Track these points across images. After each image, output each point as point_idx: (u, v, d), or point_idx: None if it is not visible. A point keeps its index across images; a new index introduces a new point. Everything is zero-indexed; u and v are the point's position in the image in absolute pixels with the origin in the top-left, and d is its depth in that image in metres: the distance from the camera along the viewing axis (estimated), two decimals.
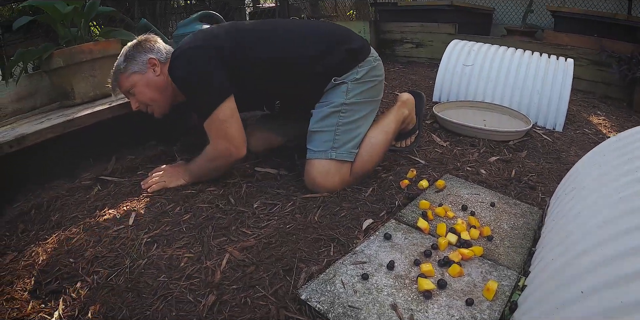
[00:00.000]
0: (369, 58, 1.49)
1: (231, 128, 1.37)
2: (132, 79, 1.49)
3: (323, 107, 1.46)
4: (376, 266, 1.10)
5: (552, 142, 1.97)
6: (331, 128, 1.44)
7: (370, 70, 1.48)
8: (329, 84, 1.45)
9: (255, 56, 1.42)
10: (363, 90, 1.47)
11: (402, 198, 1.44)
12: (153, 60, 1.49)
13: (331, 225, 1.28)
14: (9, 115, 1.93)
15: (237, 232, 1.26)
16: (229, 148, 1.39)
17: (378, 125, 1.55)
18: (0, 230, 1.42)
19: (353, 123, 1.46)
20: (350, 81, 1.44)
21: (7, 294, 1.14)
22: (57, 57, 1.73)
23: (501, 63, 2.33)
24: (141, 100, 1.50)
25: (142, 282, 1.11)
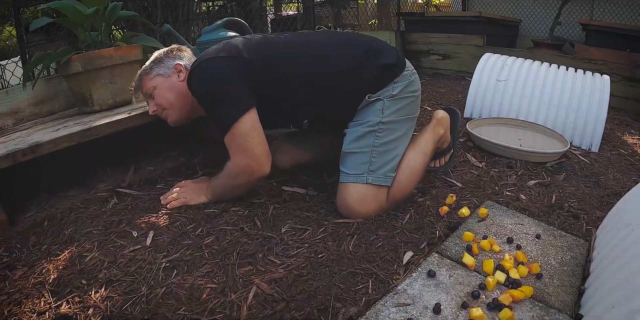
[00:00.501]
0: (405, 72, 1.38)
1: (252, 143, 1.27)
2: (155, 80, 1.41)
3: (357, 126, 1.36)
4: (421, 309, 0.99)
5: (590, 164, 1.87)
6: (367, 149, 1.34)
7: (407, 86, 1.38)
8: (362, 102, 1.35)
9: (283, 72, 1.32)
10: (400, 108, 1.37)
11: (443, 228, 1.32)
12: (179, 66, 1.42)
13: (367, 257, 1.17)
14: (26, 119, 1.85)
15: (265, 260, 1.16)
16: (250, 164, 1.29)
17: (415, 146, 1.44)
18: (11, 242, 1.34)
19: (390, 143, 1.36)
20: (386, 98, 1.34)
21: (14, 315, 1.05)
22: (75, 62, 1.65)
23: (536, 79, 2.23)
24: (159, 103, 1.41)
25: (159, 315, 1.01)
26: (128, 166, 1.65)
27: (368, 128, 1.34)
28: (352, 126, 1.38)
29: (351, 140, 1.36)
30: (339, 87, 1.34)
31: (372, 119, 1.34)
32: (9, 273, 1.21)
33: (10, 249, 1.31)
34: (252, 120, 1.28)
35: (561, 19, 3.87)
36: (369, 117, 1.34)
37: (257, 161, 1.29)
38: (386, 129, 1.34)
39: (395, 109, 1.35)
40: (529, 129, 2.11)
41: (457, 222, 1.35)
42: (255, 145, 1.28)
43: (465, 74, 3.46)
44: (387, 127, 1.34)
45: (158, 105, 1.42)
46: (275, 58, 1.34)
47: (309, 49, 1.38)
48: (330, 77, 1.33)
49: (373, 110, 1.34)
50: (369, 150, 1.33)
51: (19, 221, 1.43)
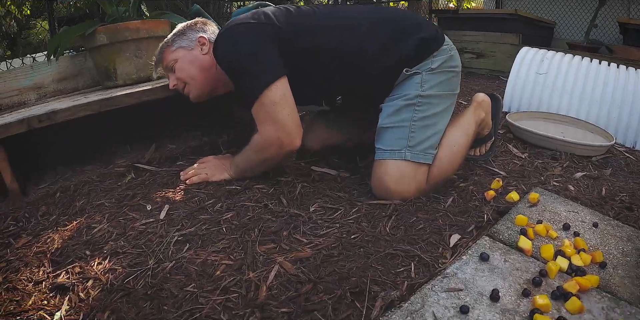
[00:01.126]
0: (444, 47, 1.26)
1: (282, 112, 1.15)
2: (177, 53, 1.31)
3: (395, 100, 1.23)
4: (475, 296, 0.83)
5: (636, 161, 1.72)
6: (405, 123, 1.20)
7: (446, 60, 1.25)
8: (400, 76, 1.23)
9: (316, 45, 1.21)
10: (440, 82, 1.24)
11: (492, 212, 1.16)
12: (203, 39, 1.31)
13: (408, 239, 1.01)
14: (49, 95, 1.79)
15: (290, 239, 1.01)
16: (279, 136, 1.16)
17: (456, 125, 1.31)
18: (20, 212, 1.25)
19: (430, 118, 1.22)
20: (425, 71, 1.22)
21: (9, 282, 0.96)
22: (101, 34, 1.58)
23: (577, 73, 2.10)
24: (180, 77, 1.31)
25: (165, 290, 0.87)
26: (149, 144, 1.55)
27: (406, 101, 1.21)
28: (389, 100, 1.25)
29: (388, 115, 1.22)
30: (374, 61, 1.22)
31: (410, 92, 1.22)
32: (12, 241, 1.12)
33: (17, 219, 1.22)
34: (283, 89, 1.16)
35: (597, 21, 3.71)
36: (407, 91, 1.22)
37: (288, 133, 1.16)
38: (425, 103, 1.22)
39: (435, 83, 1.23)
40: (571, 124, 1.98)
41: (506, 206, 1.19)
42: (285, 115, 1.15)
43: (500, 73, 3.29)
44: (426, 101, 1.22)
45: (179, 79, 1.32)
46: (307, 29, 1.23)
47: (343, 22, 1.26)
48: (364, 52, 1.21)
49: (411, 83, 1.22)
50: (408, 124, 1.20)
51: (31, 192, 1.34)
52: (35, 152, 1.50)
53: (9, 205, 1.30)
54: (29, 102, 1.74)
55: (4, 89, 1.72)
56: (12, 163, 1.31)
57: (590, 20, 3.70)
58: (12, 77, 1.73)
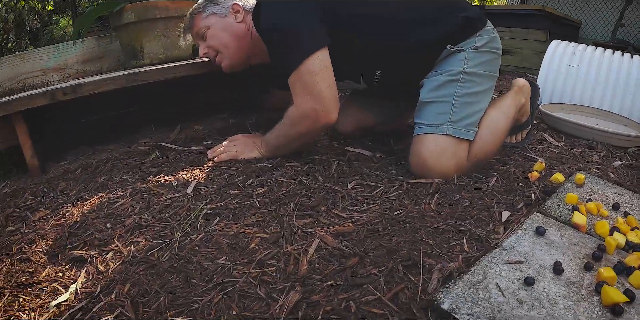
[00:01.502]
0: (488, 28, 1.21)
1: (321, 83, 1.08)
2: (209, 20, 1.24)
3: (438, 75, 1.16)
4: (537, 268, 0.76)
5: None
6: (448, 98, 1.13)
7: (490, 41, 1.20)
8: (443, 53, 1.17)
9: (361, 12, 1.15)
10: (483, 61, 1.18)
11: (538, 191, 1.07)
12: (237, 6, 1.25)
13: (455, 215, 0.92)
14: (73, 76, 1.75)
15: (329, 214, 0.92)
16: (316, 109, 1.08)
17: (497, 107, 1.24)
18: (38, 187, 1.19)
19: (473, 95, 1.15)
20: (469, 49, 1.16)
21: (22, 253, 0.89)
22: (129, 11, 1.53)
23: (609, 66, 2.03)
24: (212, 44, 1.24)
25: (193, 263, 0.79)
26: (174, 125, 1.49)
27: (450, 77, 1.14)
28: (432, 75, 1.18)
29: (430, 89, 1.15)
30: (418, 33, 1.15)
31: (454, 68, 1.15)
32: (29, 214, 1.06)
33: (36, 193, 1.16)
34: (324, 59, 1.08)
35: (624, 20, 3.61)
36: (451, 66, 1.16)
37: (324, 105, 1.08)
38: (469, 80, 1.15)
39: (479, 62, 1.16)
40: (603, 117, 1.91)
41: (552, 187, 1.10)
42: (324, 87, 1.08)
43: (527, 70, 3.19)
44: (470, 78, 1.15)
45: (210, 47, 1.25)
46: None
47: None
48: (408, 23, 1.15)
49: (455, 60, 1.16)
50: (451, 99, 1.12)
51: (51, 169, 1.28)
52: (57, 130, 1.45)
53: (28, 182, 1.24)
54: (52, 83, 1.70)
55: (27, 70, 1.69)
56: (33, 139, 1.26)
57: (616, 20, 3.60)
58: (36, 57, 1.70)
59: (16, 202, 1.13)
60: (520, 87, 1.36)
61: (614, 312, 0.66)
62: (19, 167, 1.38)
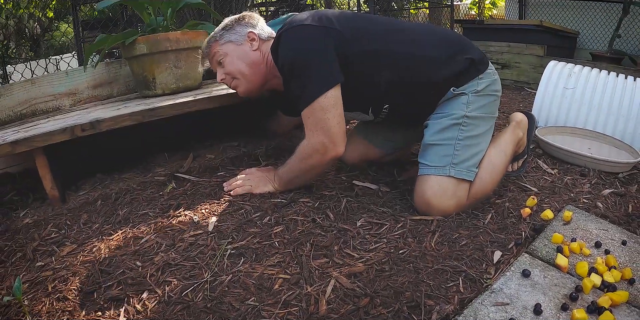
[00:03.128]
0: (489, 71, 1.31)
1: (332, 120, 1.17)
2: (226, 47, 1.31)
3: (441, 118, 1.26)
4: (520, 309, 0.88)
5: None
6: (451, 142, 1.23)
7: (491, 84, 1.30)
8: (447, 94, 1.27)
9: (374, 48, 1.23)
10: (484, 104, 1.28)
11: (528, 229, 1.19)
12: (252, 35, 1.32)
13: (453, 255, 1.03)
14: (84, 101, 1.81)
15: (341, 253, 1.03)
16: (324, 143, 1.18)
17: (496, 145, 1.34)
18: (60, 218, 1.27)
19: (474, 138, 1.26)
20: (471, 93, 1.26)
21: (59, 292, 0.97)
22: (141, 44, 1.60)
23: (604, 88, 2.13)
24: (229, 71, 1.32)
25: (225, 304, 0.89)
26: (187, 153, 1.57)
27: (453, 120, 1.24)
28: (435, 118, 1.28)
29: (434, 132, 1.25)
30: (426, 73, 1.25)
31: (457, 112, 1.25)
32: (56, 249, 1.13)
33: (59, 226, 1.24)
34: (336, 97, 1.18)
35: (620, 31, 3.69)
36: (454, 110, 1.26)
37: (333, 140, 1.18)
38: (471, 124, 1.25)
39: (479, 105, 1.27)
40: (597, 140, 2.00)
41: (542, 224, 1.22)
42: (334, 123, 1.17)
43: (525, 84, 3.31)
44: (471, 122, 1.26)
45: (228, 73, 1.33)
46: (369, 33, 1.25)
47: (403, 31, 1.29)
48: (418, 61, 1.24)
49: (457, 103, 1.26)
50: (453, 142, 1.23)
51: (71, 199, 1.36)
52: (74, 158, 1.52)
53: (48, 212, 1.31)
54: (63, 108, 1.76)
55: (39, 94, 1.74)
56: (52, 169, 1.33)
57: (613, 30, 3.67)
58: (47, 82, 1.76)
59: (40, 235, 1.20)
60: (518, 122, 1.46)
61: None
62: (35, 193, 1.45)
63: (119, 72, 1.86)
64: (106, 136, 1.46)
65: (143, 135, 1.61)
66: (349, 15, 1.29)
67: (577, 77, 2.19)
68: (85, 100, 1.80)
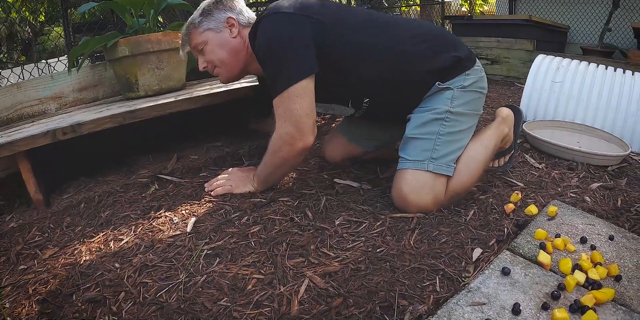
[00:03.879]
0: (476, 67, 1.30)
1: (301, 110, 1.16)
2: (205, 35, 1.29)
3: (424, 112, 1.25)
4: (498, 309, 0.86)
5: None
6: (432, 136, 1.22)
7: (477, 81, 1.29)
8: (432, 88, 1.26)
9: (358, 40, 1.22)
10: (469, 100, 1.27)
11: (511, 225, 1.18)
12: (232, 20, 1.30)
13: (432, 253, 1.03)
14: (69, 104, 1.81)
15: (317, 252, 1.03)
16: (292, 134, 1.18)
17: (476, 140, 1.32)
18: (44, 222, 1.28)
19: (456, 134, 1.25)
20: (457, 88, 1.25)
21: (39, 294, 0.98)
22: (123, 46, 1.60)
23: (593, 81, 2.10)
24: (210, 59, 1.31)
25: (198, 304, 0.89)
26: (171, 154, 1.57)
27: (435, 115, 1.23)
28: (418, 112, 1.27)
29: (416, 126, 1.24)
30: (409, 66, 1.24)
31: (440, 107, 1.24)
32: (39, 252, 1.14)
33: (43, 229, 1.24)
34: (306, 88, 1.17)
35: (611, 25, 3.67)
36: (437, 105, 1.24)
37: (301, 130, 1.17)
38: (453, 119, 1.24)
39: (464, 101, 1.26)
40: (586, 133, 1.98)
41: (525, 220, 1.21)
42: (303, 114, 1.17)
43: (515, 79, 3.30)
44: (454, 118, 1.24)
45: (209, 61, 1.32)
46: (351, 24, 1.23)
47: (387, 24, 1.28)
48: (402, 55, 1.23)
49: (442, 98, 1.25)
50: (434, 137, 1.22)
51: (55, 202, 1.36)
52: (57, 162, 1.52)
53: (33, 216, 1.32)
54: (49, 112, 1.77)
55: (25, 99, 1.75)
56: (35, 174, 1.33)
57: (604, 24, 3.65)
58: (32, 86, 1.76)
59: (24, 239, 1.21)
60: (504, 117, 1.44)
61: None
62: (21, 198, 1.45)
63: (104, 74, 1.87)
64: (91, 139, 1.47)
65: (127, 137, 1.61)
66: (331, 5, 1.27)
67: (566, 70, 2.17)
68: (71, 104, 1.81)
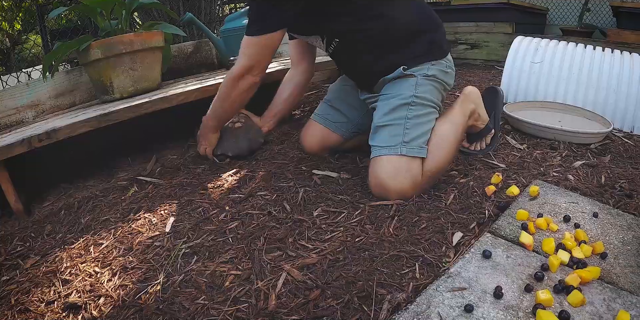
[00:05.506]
0: (443, 61, 1.32)
1: (260, 55, 1.28)
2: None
3: (390, 99, 1.27)
4: (479, 293, 0.84)
5: (635, 146, 1.72)
6: (400, 121, 1.23)
7: (441, 73, 1.31)
8: (395, 72, 1.27)
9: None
10: (431, 89, 1.29)
11: (492, 207, 1.17)
12: None
13: (411, 239, 1.02)
14: (47, 111, 1.79)
15: (295, 245, 1.02)
16: (246, 66, 1.28)
17: (442, 119, 1.33)
18: (25, 231, 1.27)
19: (423, 116, 1.26)
20: (420, 76, 1.27)
21: (21, 304, 0.97)
22: (95, 49, 1.58)
23: (572, 60, 2.10)
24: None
25: (176, 304, 0.88)
26: (150, 155, 1.56)
27: (402, 100, 1.25)
28: (383, 99, 1.28)
29: (383, 114, 1.25)
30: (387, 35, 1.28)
31: (405, 93, 1.26)
32: (21, 262, 1.13)
33: (24, 239, 1.23)
34: (274, 40, 1.25)
35: (589, 5, 3.68)
36: (403, 91, 1.26)
37: (253, 68, 1.28)
38: (419, 104, 1.26)
39: (427, 89, 1.28)
40: (568, 112, 1.98)
41: (507, 201, 1.20)
42: (261, 58, 1.28)
43: (495, 63, 3.31)
44: (420, 102, 1.26)
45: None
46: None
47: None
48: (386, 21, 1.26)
49: (406, 85, 1.27)
50: (403, 122, 1.23)
51: (36, 211, 1.36)
52: (37, 170, 1.51)
53: (15, 226, 1.31)
54: (27, 121, 1.75)
55: (2, 109, 1.73)
56: (14, 183, 1.33)
57: (582, 4, 3.66)
58: (9, 96, 1.74)
59: (7, 250, 1.20)
60: (467, 94, 1.44)
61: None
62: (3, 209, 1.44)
63: (80, 79, 1.85)
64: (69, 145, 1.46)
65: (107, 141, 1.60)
66: None
67: (544, 50, 2.17)
68: (49, 111, 1.79)
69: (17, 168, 1.36)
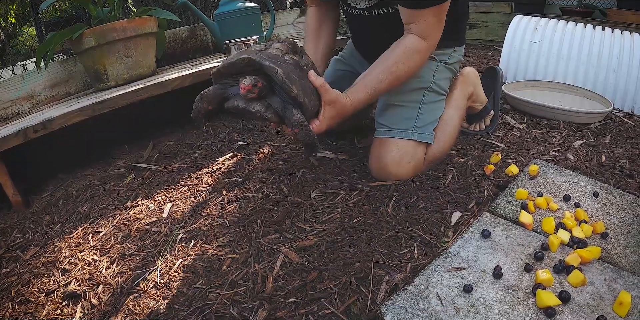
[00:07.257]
0: (461, 48, 1.32)
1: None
2: None
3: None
4: (478, 273, 0.82)
5: (635, 126, 1.68)
6: (415, 104, 1.19)
7: (457, 63, 1.31)
8: None
9: None
10: (446, 78, 1.27)
11: (492, 186, 1.15)
12: None
13: (410, 219, 1.01)
14: (43, 102, 1.78)
15: (292, 227, 1.01)
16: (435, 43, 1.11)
17: (447, 103, 1.30)
18: (24, 223, 1.26)
19: (436, 103, 1.23)
20: (441, 62, 1.25)
21: (21, 295, 0.97)
22: (88, 37, 1.56)
23: (572, 39, 2.05)
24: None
25: (174, 289, 0.88)
26: (147, 142, 1.55)
27: (420, 84, 1.20)
28: None
29: (398, 92, 1.19)
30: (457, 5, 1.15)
31: (425, 76, 1.21)
32: (21, 254, 1.13)
33: (24, 230, 1.23)
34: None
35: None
36: (422, 73, 1.20)
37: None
38: (435, 91, 1.23)
39: (443, 77, 1.26)
40: (568, 92, 1.94)
41: (506, 180, 1.17)
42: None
43: (494, 43, 3.29)
44: (436, 89, 1.23)
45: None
46: None
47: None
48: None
49: (427, 68, 1.22)
50: (418, 105, 1.19)
51: (34, 202, 1.35)
52: (34, 161, 1.51)
53: (14, 218, 1.31)
54: (23, 112, 1.74)
55: None
56: (12, 175, 1.32)
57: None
58: (3, 88, 1.72)
59: (6, 242, 1.20)
60: (465, 75, 1.40)
61: (547, 314, 0.71)
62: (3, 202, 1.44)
63: (75, 69, 1.83)
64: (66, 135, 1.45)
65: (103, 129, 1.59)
66: None
67: (544, 30, 2.12)
68: (44, 102, 1.77)
69: (14, 160, 1.35)
